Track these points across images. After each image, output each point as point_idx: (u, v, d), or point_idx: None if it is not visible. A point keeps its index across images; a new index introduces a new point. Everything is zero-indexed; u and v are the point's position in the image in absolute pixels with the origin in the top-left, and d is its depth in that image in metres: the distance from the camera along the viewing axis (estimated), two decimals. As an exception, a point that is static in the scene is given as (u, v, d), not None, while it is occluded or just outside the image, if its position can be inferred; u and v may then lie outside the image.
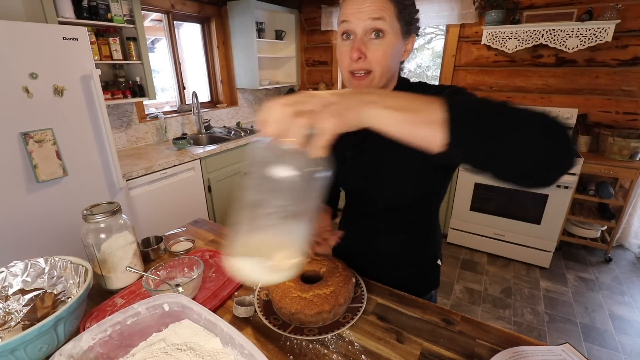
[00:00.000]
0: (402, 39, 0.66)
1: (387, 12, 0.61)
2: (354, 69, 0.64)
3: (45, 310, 0.71)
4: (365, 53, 0.63)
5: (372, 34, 0.62)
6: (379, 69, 0.64)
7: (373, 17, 0.60)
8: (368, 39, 0.63)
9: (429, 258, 0.91)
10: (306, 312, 0.70)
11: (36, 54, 1.43)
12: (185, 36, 3.05)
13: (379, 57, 0.63)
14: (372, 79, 0.65)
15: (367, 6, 0.61)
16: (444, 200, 2.66)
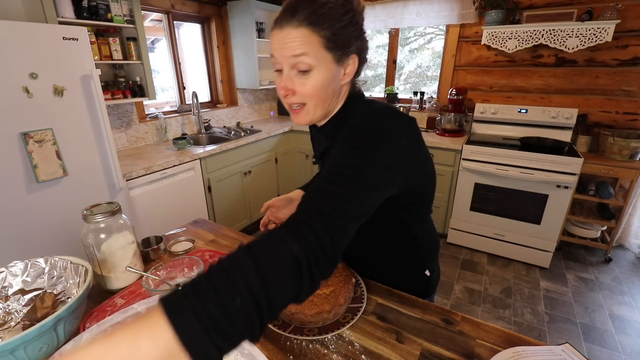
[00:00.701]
0: (336, 66, 0.63)
1: (311, 46, 0.59)
2: (287, 103, 0.65)
3: (45, 310, 0.71)
4: (293, 89, 0.62)
5: (298, 69, 0.61)
6: (311, 102, 0.64)
7: (295, 54, 0.59)
8: (295, 75, 0.62)
9: (415, 269, 0.86)
10: (306, 312, 0.70)
11: (36, 54, 1.43)
12: (185, 36, 3.05)
13: (308, 92, 0.62)
14: (308, 111, 0.66)
15: (288, 42, 0.59)
16: (444, 200, 2.67)
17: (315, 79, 0.61)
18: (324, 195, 0.52)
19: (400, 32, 3.18)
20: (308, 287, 0.45)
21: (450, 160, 2.57)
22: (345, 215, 0.51)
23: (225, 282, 0.38)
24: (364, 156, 0.57)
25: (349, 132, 0.62)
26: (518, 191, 2.35)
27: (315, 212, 0.49)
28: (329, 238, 0.47)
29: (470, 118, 2.87)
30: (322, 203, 0.51)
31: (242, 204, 2.81)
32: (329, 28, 0.59)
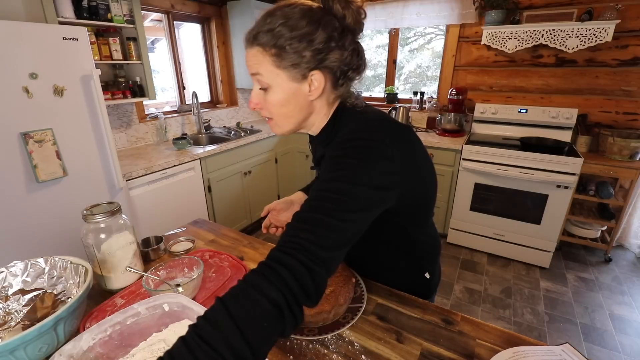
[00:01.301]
0: (295, 84, 0.62)
1: (263, 66, 0.60)
2: (261, 115, 0.68)
3: (45, 310, 0.71)
4: (260, 103, 0.65)
5: (259, 84, 0.64)
6: (276, 117, 0.66)
7: (252, 72, 0.62)
8: (259, 91, 0.65)
9: (415, 272, 0.86)
10: (306, 312, 0.70)
11: (36, 54, 1.43)
12: (185, 36, 3.05)
13: (271, 107, 0.65)
14: (276, 124, 0.68)
15: (248, 61, 0.62)
16: (444, 200, 2.67)
17: (272, 97, 0.63)
18: (306, 226, 0.51)
19: (400, 32, 3.18)
20: (292, 324, 0.46)
21: (450, 160, 2.57)
22: (328, 246, 0.50)
23: (208, 352, 0.40)
24: (351, 178, 0.55)
25: (336, 150, 0.60)
26: (518, 191, 2.35)
27: (296, 246, 0.49)
28: (308, 274, 0.47)
29: (470, 118, 2.87)
30: (303, 235, 0.50)
31: (242, 204, 2.81)
32: (277, 45, 0.59)
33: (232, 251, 1.07)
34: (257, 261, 1.00)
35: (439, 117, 2.85)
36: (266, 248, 1.09)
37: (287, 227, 0.54)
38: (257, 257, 1.03)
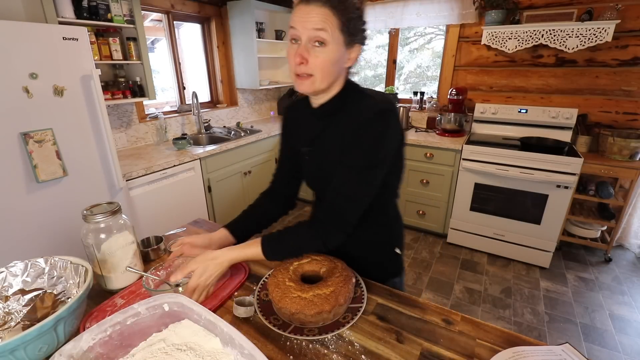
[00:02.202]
0: (344, 49, 0.72)
1: (330, 24, 0.68)
2: (298, 71, 0.72)
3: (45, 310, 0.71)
4: (307, 59, 0.70)
5: (315, 42, 0.69)
6: (319, 73, 0.72)
7: (316, 27, 0.67)
8: (311, 46, 0.69)
9: (387, 247, 0.94)
10: (306, 312, 0.70)
11: (36, 54, 1.43)
12: (185, 36, 3.05)
13: (319, 63, 0.70)
14: (313, 81, 0.73)
15: (312, 16, 0.67)
16: (444, 200, 2.68)
17: (327, 53, 0.70)
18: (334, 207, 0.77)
19: (400, 32, 3.18)
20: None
21: (450, 160, 2.57)
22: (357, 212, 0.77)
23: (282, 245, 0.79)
24: (373, 160, 0.73)
25: (358, 131, 0.73)
26: (518, 191, 2.35)
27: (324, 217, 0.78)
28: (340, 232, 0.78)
29: (470, 118, 2.87)
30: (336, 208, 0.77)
31: (242, 204, 2.79)
32: (346, 14, 0.69)
33: (232, 251, 1.07)
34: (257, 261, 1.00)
35: (439, 117, 2.85)
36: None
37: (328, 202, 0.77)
38: (257, 257, 1.03)
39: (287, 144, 0.94)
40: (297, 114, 0.90)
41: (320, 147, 0.83)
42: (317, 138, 0.83)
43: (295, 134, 0.90)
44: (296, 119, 0.90)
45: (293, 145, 0.90)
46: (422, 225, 2.89)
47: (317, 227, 0.77)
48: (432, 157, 2.63)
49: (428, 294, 2.19)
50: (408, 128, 3.06)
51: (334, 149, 0.78)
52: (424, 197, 2.78)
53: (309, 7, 0.68)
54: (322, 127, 0.81)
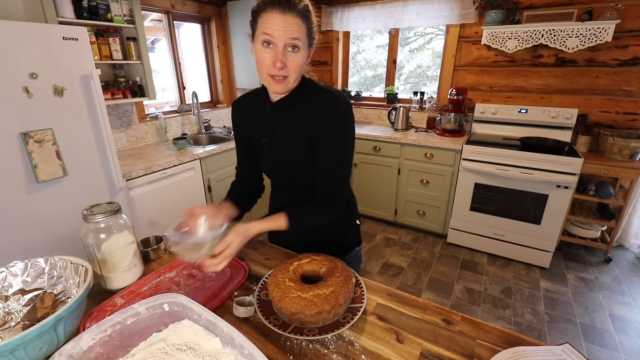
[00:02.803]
0: (308, 51, 0.82)
1: (301, 32, 0.77)
2: (275, 74, 0.79)
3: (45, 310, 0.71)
4: (285, 63, 0.77)
5: (290, 48, 0.77)
6: (293, 75, 0.80)
7: (293, 37, 0.75)
8: (287, 52, 0.77)
9: (349, 219, 1.08)
10: (306, 312, 0.70)
11: (36, 54, 1.43)
12: (185, 36, 3.05)
13: (295, 66, 0.79)
14: (288, 82, 0.81)
15: (289, 26, 0.75)
16: (444, 200, 2.68)
17: (300, 58, 0.79)
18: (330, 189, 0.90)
19: (400, 32, 3.18)
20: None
21: (450, 160, 2.57)
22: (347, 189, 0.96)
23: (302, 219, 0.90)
24: (348, 144, 0.88)
25: (331, 121, 0.84)
26: (518, 191, 2.35)
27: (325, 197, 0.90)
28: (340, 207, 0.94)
29: (470, 118, 2.87)
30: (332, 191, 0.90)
31: (242, 204, 2.80)
32: (310, 23, 0.79)
33: (232, 251, 1.07)
34: (257, 261, 1.00)
35: (439, 117, 2.85)
36: (266, 248, 1.09)
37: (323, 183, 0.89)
38: (257, 257, 1.03)
39: (243, 136, 0.99)
40: (251, 108, 0.96)
41: (280, 138, 0.91)
42: (276, 129, 0.91)
43: (252, 126, 0.96)
44: (251, 113, 0.95)
45: (249, 136, 0.97)
46: (422, 225, 2.89)
47: (324, 206, 0.90)
48: (432, 157, 2.63)
49: (428, 294, 2.19)
50: (408, 128, 3.06)
51: (294, 138, 0.88)
52: (424, 197, 2.78)
53: (285, 17, 0.74)
54: (281, 119, 0.89)
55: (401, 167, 2.80)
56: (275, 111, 0.89)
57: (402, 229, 3.02)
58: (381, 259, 2.59)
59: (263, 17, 0.75)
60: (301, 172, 0.92)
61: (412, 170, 2.76)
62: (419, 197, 2.81)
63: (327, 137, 0.85)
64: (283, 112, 0.89)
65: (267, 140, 0.92)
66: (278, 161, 0.94)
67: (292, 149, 0.89)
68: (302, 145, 0.88)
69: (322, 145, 0.86)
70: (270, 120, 0.91)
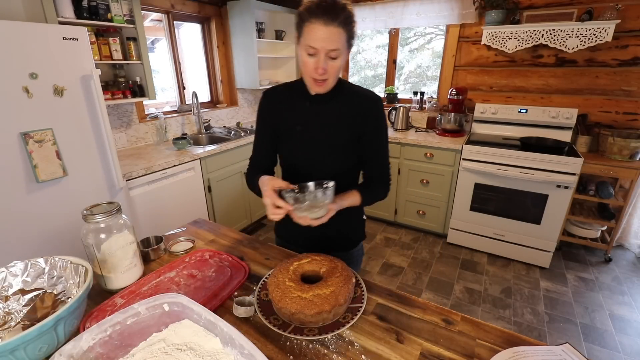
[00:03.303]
0: (346, 52, 0.89)
1: (342, 41, 0.84)
2: (316, 77, 0.88)
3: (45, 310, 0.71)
4: (326, 69, 0.85)
5: (331, 56, 0.84)
6: (332, 77, 0.89)
7: (334, 48, 0.83)
8: (327, 59, 0.85)
9: (357, 214, 1.13)
10: (306, 312, 0.70)
11: (36, 54, 1.43)
12: (185, 36, 3.05)
13: (334, 71, 0.88)
14: (328, 84, 0.90)
15: (331, 37, 0.81)
16: (444, 200, 2.68)
17: (339, 63, 0.87)
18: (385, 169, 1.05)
19: (400, 32, 3.18)
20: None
21: (450, 160, 2.57)
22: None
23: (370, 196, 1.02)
24: (387, 136, 1.04)
25: (377, 114, 0.98)
26: (518, 191, 2.35)
27: (383, 176, 1.05)
28: (390, 184, 1.07)
29: (470, 118, 2.87)
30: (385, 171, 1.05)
31: (242, 204, 2.81)
32: (350, 30, 0.85)
33: (232, 251, 1.07)
34: (257, 261, 1.01)
35: (439, 117, 2.85)
36: (266, 248, 1.09)
37: (377, 171, 1.04)
38: (257, 257, 1.03)
39: (269, 123, 1.04)
40: (287, 98, 1.02)
41: (314, 126, 0.98)
42: (311, 119, 0.99)
43: (285, 115, 1.02)
44: (286, 103, 1.02)
45: (276, 124, 1.03)
46: (422, 225, 2.89)
47: (383, 184, 1.05)
48: (432, 157, 2.63)
49: (428, 294, 2.19)
50: (408, 128, 3.06)
51: (329, 127, 0.98)
52: (424, 197, 2.78)
53: (327, 29, 0.80)
54: (318, 110, 0.98)
55: (401, 167, 2.80)
56: (312, 103, 0.98)
57: (402, 229, 3.02)
58: (381, 259, 2.59)
59: (308, 26, 0.82)
60: (327, 157, 0.99)
61: (412, 170, 2.76)
62: (419, 197, 2.81)
63: (375, 127, 0.98)
64: (320, 104, 0.97)
65: (301, 128, 0.99)
66: (308, 147, 1.00)
67: (324, 136, 0.98)
68: (336, 134, 0.97)
69: (372, 134, 0.98)
70: (307, 110, 0.99)
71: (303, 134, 0.99)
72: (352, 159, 1.01)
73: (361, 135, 0.98)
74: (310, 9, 0.81)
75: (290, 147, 1.02)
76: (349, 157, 1.00)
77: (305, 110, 0.99)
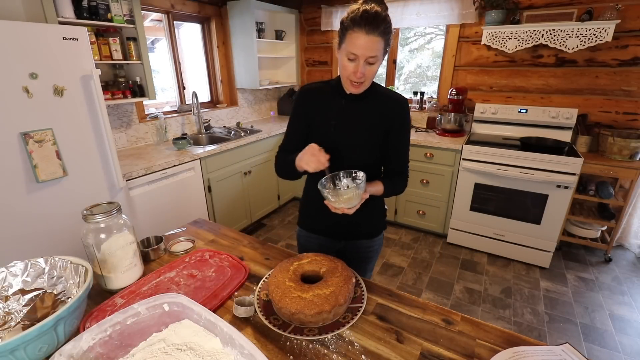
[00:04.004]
0: (383, 57, 0.95)
1: (381, 49, 0.91)
2: (354, 80, 0.96)
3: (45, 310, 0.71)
4: (364, 73, 0.93)
5: (369, 62, 0.92)
6: (368, 80, 0.99)
7: (374, 55, 0.90)
8: (366, 64, 0.92)
9: (380, 204, 1.21)
10: (306, 312, 0.70)
11: (36, 54, 1.43)
12: (185, 36, 3.05)
13: (371, 75, 0.96)
14: (365, 86, 0.99)
15: (371, 45, 0.89)
16: (444, 200, 2.68)
17: (375, 68, 0.95)
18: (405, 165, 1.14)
19: (400, 32, 3.18)
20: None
21: (450, 160, 2.57)
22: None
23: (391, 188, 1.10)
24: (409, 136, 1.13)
25: (404, 113, 1.07)
26: (518, 191, 2.35)
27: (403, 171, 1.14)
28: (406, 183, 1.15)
29: (470, 118, 2.87)
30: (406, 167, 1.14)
31: (242, 204, 2.81)
32: (389, 37, 0.92)
33: (232, 251, 1.07)
34: (257, 261, 1.01)
35: (439, 117, 2.85)
36: (266, 248, 1.09)
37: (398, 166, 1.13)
38: (257, 257, 1.03)
39: (305, 115, 1.11)
40: (322, 95, 1.09)
41: (347, 121, 1.05)
42: (345, 115, 1.06)
43: (320, 110, 1.09)
44: (320, 99, 1.09)
45: (312, 117, 1.10)
46: (422, 225, 2.89)
47: (403, 177, 1.14)
48: (432, 157, 2.63)
49: (428, 294, 2.19)
50: (408, 128, 3.06)
51: (361, 123, 1.05)
52: (424, 197, 2.78)
53: (368, 38, 0.87)
54: (352, 107, 1.05)
55: (401, 167, 2.80)
56: (347, 101, 1.05)
57: (402, 229, 3.02)
58: (381, 259, 2.59)
59: (350, 34, 0.89)
60: (356, 151, 1.06)
61: (412, 170, 2.76)
62: (419, 197, 2.81)
63: (402, 125, 1.07)
64: (354, 102, 1.05)
65: (335, 123, 1.06)
66: (341, 141, 1.07)
67: (356, 132, 1.05)
68: (367, 130, 1.05)
69: (397, 132, 1.07)
70: (342, 108, 1.06)
71: (337, 128, 1.06)
72: (377, 153, 1.09)
73: (388, 133, 1.06)
74: (354, 20, 0.87)
75: (322, 140, 1.06)
76: (375, 152, 1.08)
77: (340, 107, 1.06)
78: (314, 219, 1.19)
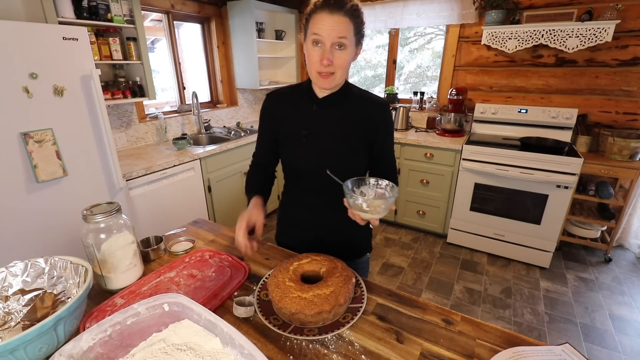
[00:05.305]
0: (355, 48, 0.87)
1: (349, 31, 0.81)
2: (322, 70, 0.84)
3: (45, 310, 0.71)
4: (332, 60, 0.82)
5: (337, 46, 0.82)
6: (339, 71, 0.86)
7: (341, 35, 0.80)
8: (334, 49, 0.82)
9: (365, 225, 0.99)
10: (306, 312, 0.70)
11: (36, 54, 1.43)
12: (185, 36, 3.05)
13: (341, 63, 0.84)
14: (334, 78, 0.86)
15: (337, 26, 0.79)
16: (444, 200, 2.68)
17: (346, 54, 0.83)
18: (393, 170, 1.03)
19: (400, 32, 3.18)
20: None
21: (450, 161, 2.57)
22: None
23: None
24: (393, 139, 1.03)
25: (387, 118, 0.97)
26: (518, 191, 2.35)
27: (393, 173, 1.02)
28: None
29: (470, 118, 2.87)
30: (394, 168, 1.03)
31: (242, 204, 2.79)
32: (358, 21, 0.83)
33: (232, 251, 1.07)
34: (257, 261, 1.00)
35: (439, 117, 2.85)
36: (266, 248, 1.09)
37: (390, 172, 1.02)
38: (257, 257, 1.03)
39: (270, 127, 1.01)
40: (291, 101, 0.98)
41: (321, 131, 0.94)
42: (318, 123, 0.94)
43: (289, 119, 0.98)
44: (290, 106, 0.98)
45: (278, 128, 0.99)
46: (422, 225, 2.89)
47: (394, 180, 0.94)
48: (432, 157, 2.63)
49: (428, 294, 2.19)
50: (408, 128, 3.06)
51: (337, 132, 0.94)
52: (424, 197, 2.79)
53: (332, 17, 0.79)
54: (325, 114, 0.94)
55: (401, 167, 2.80)
56: (319, 106, 0.94)
57: (402, 229, 3.02)
58: (381, 259, 2.59)
59: (314, 18, 0.81)
60: (334, 163, 0.92)
61: (412, 170, 2.76)
62: (419, 197, 2.81)
63: (386, 131, 0.97)
64: (327, 108, 0.94)
65: (307, 133, 0.95)
66: (314, 152, 0.95)
67: (332, 141, 0.94)
68: (345, 139, 0.93)
69: (383, 138, 0.97)
70: (313, 114, 0.95)
71: (309, 138, 0.94)
72: (360, 163, 0.97)
73: (373, 142, 0.96)
74: (316, 4, 0.81)
75: (294, 152, 0.98)
76: (358, 162, 0.96)
77: (311, 114, 0.94)
78: (290, 236, 1.10)
